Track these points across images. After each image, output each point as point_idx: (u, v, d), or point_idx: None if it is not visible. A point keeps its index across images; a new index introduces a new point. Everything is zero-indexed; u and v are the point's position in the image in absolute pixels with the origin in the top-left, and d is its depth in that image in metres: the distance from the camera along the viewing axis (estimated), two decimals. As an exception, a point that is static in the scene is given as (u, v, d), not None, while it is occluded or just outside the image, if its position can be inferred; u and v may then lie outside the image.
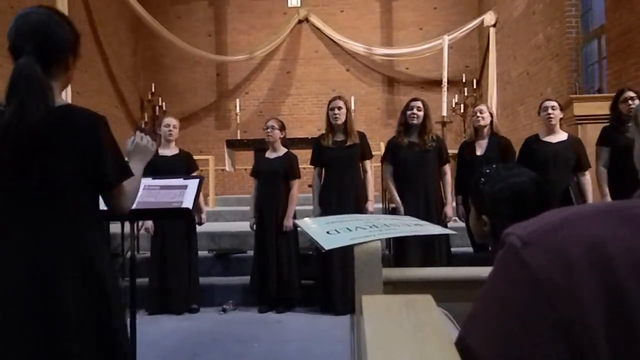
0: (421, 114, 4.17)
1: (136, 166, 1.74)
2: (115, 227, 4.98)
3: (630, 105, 3.86)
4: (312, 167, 4.57)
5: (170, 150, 4.53)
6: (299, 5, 10.40)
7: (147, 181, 2.60)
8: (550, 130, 4.16)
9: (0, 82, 5.12)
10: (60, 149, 1.46)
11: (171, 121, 4.61)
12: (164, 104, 10.21)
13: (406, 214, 3.95)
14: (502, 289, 0.49)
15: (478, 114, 4.28)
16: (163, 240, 4.44)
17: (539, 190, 1.34)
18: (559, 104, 4.21)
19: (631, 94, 3.92)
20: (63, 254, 1.46)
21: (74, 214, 1.50)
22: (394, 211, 4.31)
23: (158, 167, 4.29)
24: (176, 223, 4.31)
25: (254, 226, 4.55)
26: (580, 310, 0.42)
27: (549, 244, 0.46)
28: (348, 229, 1.33)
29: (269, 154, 4.64)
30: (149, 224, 4.46)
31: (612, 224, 0.45)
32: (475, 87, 9.92)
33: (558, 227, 0.47)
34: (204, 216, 4.62)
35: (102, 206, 1.65)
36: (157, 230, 4.45)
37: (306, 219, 1.64)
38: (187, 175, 3.73)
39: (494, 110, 4.42)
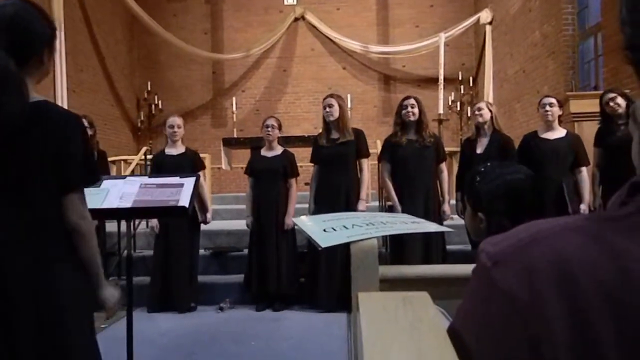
0: (416, 110, 4.18)
1: (97, 267, 1.57)
2: (111, 226, 4.98)
3: (612, 106, 3.93)
4: (310, 165, 4.59)
5: (176, 150, 4.51)
6: (295, 3, 10.39)
7: (144, 180, 2.59)
8: (549, 127, 4.17)
9: None
10: (31, 147, 1.42)
11: (175, 121, 4.57)
12: (160, 102, 10.18)
13: (404, 212, 3.96)
14: (476, 307, 0.51)
15: (477, 112, 4.30)
16: (167, 239, 4.44)
17: (534, 187, 1.34)
18: (558, 101, 4.22)
19: (611, 95, 4.00)
20: (26, 255, 1.40)
21: (43, 215, 1.45)
22: (390, 209, 4.31)
23: (164, 167, 4.31)
24: (180, 222, 4.29)
25: (251, 224, 4.53)
26: (547, 329, 0.43)
27: (516, 263, 0.47)
28: (345, 226, 1.33)
29: (266, 153, 4.63)
30: (155, 221, 4.48)
31: (579, 242, 0.46)
32: (471, 84, 9.92)
33: (526, 246, 0.48)
34: (209, 215, 4.61)
35: (91, 205, 1.60)
36: (162, 229, 4.45)
37: (303, 217, 1.64)
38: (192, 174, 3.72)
39: (493, 108, 4.41)
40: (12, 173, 1.41)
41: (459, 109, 9.83)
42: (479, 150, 4.26)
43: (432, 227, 1.62)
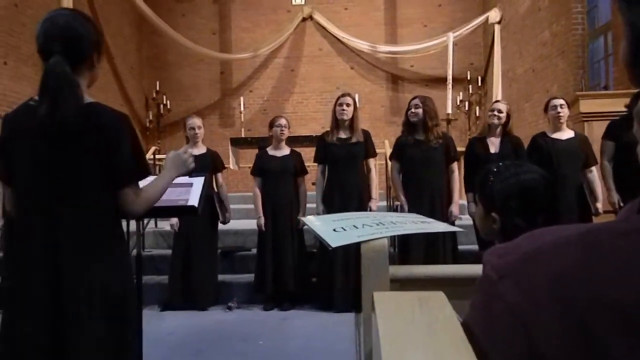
0: (419, 111, 4.14)
1: (167, 174, 1.78)
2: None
3: None
4: (316, 164, 4.57)
5: (197, 150, 4.53)
6: (303, 3, 10.39)
7: (152, 179, 2.60)
8: (558, 128, 4.14)
9: (6, 79, 5.11)
10: (84, 147, 1.52)
11: (195, 123, 4.62)
12: (168, 102, 10.22)
13: (411, 212, 3.94)
14: (482, 319, 0.51)
15: (496, 112, 4.22)
16: (187, 238, 4.48)
17: (548, 187, 1.33)
18: (566, 102, 4.19)
19: None
20: (83, 253, 1.51)
21: (94, 213, 1.55)
22: (398, 209, 4.30)
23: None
24: (200, 221, 4.33)
25: (264, 224, 4.51)
26: (550, 345, 0.43)
27: (521, 277, 0.47)
28: (354, 226, 1.33)
29: (275, 152, 4.62)
30: (174, 220, 4.51)
31: (579, 255, 0.46)
32: (480, 84, 9.88)
33: (530, 259, 0.48)
34: (228, 215, 4.64)
35: None
36: (182, 227, 4.48)
37: (312, 217, 1.63)
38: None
39: (510, 110, 4.33)
40: (67, 172, 1.51)
41: (467, 108, 9.79)
42: (492, 150, 4.21)
43: (442, 227, 1.61)
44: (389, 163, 4.77)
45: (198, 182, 2.57)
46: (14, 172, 1.57)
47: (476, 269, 1.26)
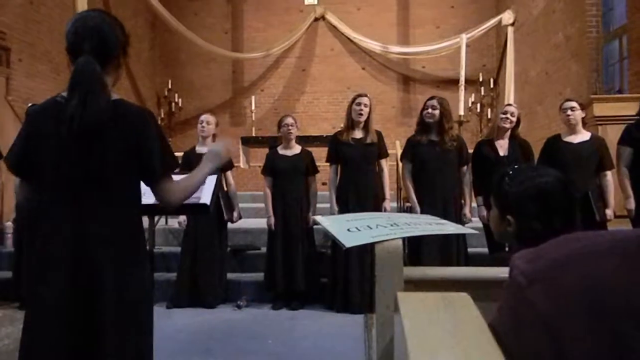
0: (436, 112, 4.12)
1: (204, 166, 1.87)
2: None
3: None
4: (327, 165, 4.56)
5: (206, 148, 4.54)
6: (315, 3, 10.39)
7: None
8: (572, 131, 4.09)
9: (20, 76, 5.15)
10: (113, 142, 1.57)
11: (206, 117, 4.63)
12: (180, 100, 10.27)
13: (422, 213, 3.92)
14: (510, 324, 0.50)
15: (509, 115, 4.19)
16: (195, 236, 4.49)
17: (565, 190, 1.31)
18: (580, 104, 4.13)
19: None
20: (111, 247, 1.57)
21: (123, 207, 1.61)
22: (409, 210, 4.28)
23: (193, 164, 4.34)
24: (209, 219, 4.34)
25: (274, 224, 4.52)
26: (580, 355, 0.43)
27: (552, 284, 0.47)
28: (369, 226, 1.32)
29: (286, 152, 4.62)
30: (182, 218, 4.52)
31: (613, 265, 0.45)
32: (492, 86, 9.83)
33: (561, 266, 0.47)
34: (236, 214, 4.64)
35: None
36: (190, 225, 4.49)
37: (325, 216, 1.63)
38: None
39: (520, 113, 4.31)
40: (94, 168, 1.56)
41: (479, 110, 9.74)
42: (502, 153, 4.18)
43: (457, 228, 1.60)
44: (400, 164, 4.75)
45: (210, 180, 2.58)
46: (37, 166, 1.60)
47: (491, 272, 1.25)
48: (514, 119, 4.19)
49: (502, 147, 4.20)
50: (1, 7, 6.40)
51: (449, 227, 1.51)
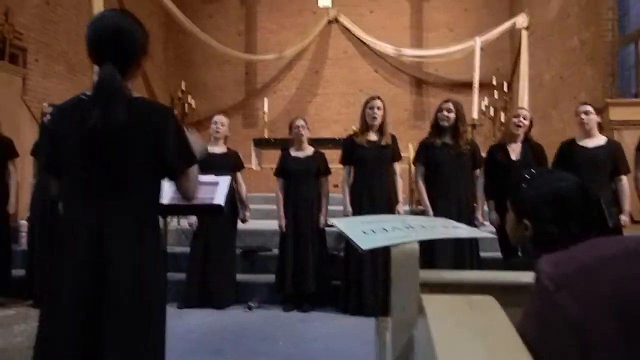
0: (452, 115, 4.11)
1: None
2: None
3: None
4: (339, 167, 4.56)
5: (218, 149, 4.57)
6: (329, 5, 10.39)
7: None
8: (587, 135, 4.04)
9: (37, 76, 5.21)
10: (132, 142, 1.60)
11: (219, 118, 4.66)
12: (193, 101, 10.31)
13: (436, 216, 3.90)
14: (537, 329, 0.50)
15: (521, 119, 4.14)
16: (206, 236, 4.51)
17: (583, 195, 1.30)
18: (595, 108, 4.09)
19: None
20: (127, 241, 1.59)
21: (140, 204, 1.63)
22: (421, 214, 4.26)
23: (205, 164, 4.36)
24: (220, 219, 4.35)
25: (285, 226, 4.53)
26: (612, 358, 0.42)
27: (581, 290, 0.46)
28: (384, 229, 1.32)
29: (298, 153, 4.63)
30: (193, 218, 4.54)
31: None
32: (506, 90, 9.77)
33: (590, 271, 0.46)
34: (247, 214, 4.66)
35: None
36: (201, 226, 4.51)
37: (340, 219, 1.63)
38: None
39: (532, 117, 4.27)
40: (116, 166, 1.59)
41: (492, 114, 9.68)
42: (514, 157, 4.14)
43: (472, 232, 1.59)
44: (413, 167, 4.74)
45: (224, 181, 2.59)
46: (61, 162, 1.64)
47: (508, 277, 1.25)
48: (526, 122, 4.14)
49: (515, 151, 4.16)
50: (18, 7, 6.48)
51: (465, 231, 1.50)
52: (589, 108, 4.04)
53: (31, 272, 4.60)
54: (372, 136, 4.38)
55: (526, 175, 1.37)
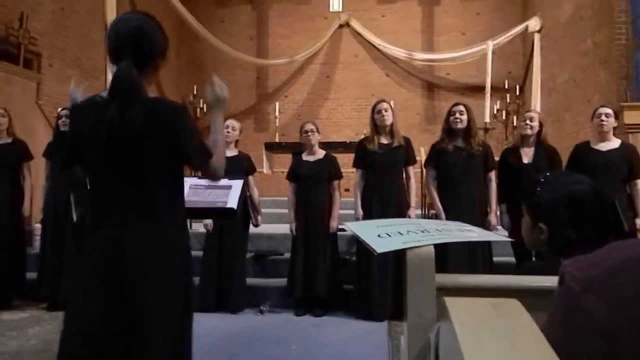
0: (464, 117, 4.11)
1: (218, 118, 1.90)
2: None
3: None
4: (350, 171, 4.56)
5: (230, 152, 4.58)
6: (340, 10, 10.41)
7: (192, 180, 2.63)
8: (602, 138, 4.00)
9: (51, 81, 5.25)
10: (149, 139, 1.61)
11: (231, 123, 4.67)
12: (205, 106, 10.36)
13: (448, 219, 3.88)
14: (562, 331, 0.49)
15: (528, 122, 4.13)
16: (220, 240, 4.51)
17: (599, 198, 1.29)
18: (615, 112, 4.05)
19: None
20: (152, 238, 1.60)
21: (158, 198, 1.64)
22: (434, 217, 4.24)
23: None
24: (234, 223, 4.35)
25: (295, 230, 4.54)
26: None
27: (607, 291, 0.45)
28: (399, 232, 1.32)
29: (309, 157, 4.63)
30: (209, 221, 4.55)
31: None
32: (518, 93, 9.72)
33: (616, 274, 0.45)
34: (260, 218, 4.67)
35: None
36: (215, 229, 4.52)
37: (354, 222, 1.62)
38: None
39: (544, 119, 4.24)
40: (134, 163, 1.61)
41: (504, 118, 9.63)
42: (525, 160, 4.12)
43: (488, 236, 1.58)
44: (424, 170, 4.72)
45: (237, 184, 2.59)
46: (81, 160, 1.69)
47: (527, 280, 1.23)
48: (535, 124, 4.12)
49: (527, 154, 4.14)
50: (33, 13, 6.56)
51: (480, 235, 1.49)
52: (610, 111, 4.01)
53: (42, 275, 4.62)
54: (384, 139, 4.38)
55: (541, 179, 1.36)
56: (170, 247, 1.64)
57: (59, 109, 4.81)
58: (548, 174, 1.40)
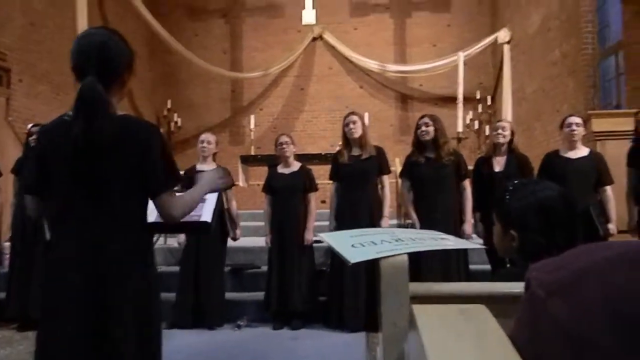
0: (430, 129, 4.15)
1: (200, 188, 1.89)
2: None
3: None
4: (326, 182, 4.58)
5: (207, 166, 4.53)
6: (313, 23, 10.48)
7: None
8: (572, 147, 4.09)
9: (21, 96, 5.13)
10: (119, 157, 1.58)
11: (207, 137, 4.63)
12: (179, 119, 10.30)
13: (423, 229, 3.90)
14: (529, 336, 0.49)
15: (500, 131, 4.23)
16: (197, 255, 4.44)
17: (567, 204, 1.31)
18: (583, 120, 4.15)
19: None
20: (117, 259, 1.57)
21: (125, 216, 1.61)
22: (410, 227, 4.27)
23: (195, 183, 4.31)
24: (211, 237, 4.31)
25: (271, 242, 4.51)
26: None
27: (572, 296, 0.46)
28: (373, 242, 1.32)
29: (284, 170, 4.63)
30: (182, 237, 4.49)
31: (637, 273, 0.44)
32: (489, 103, 9.89)
33: (582, 277, 0.46)
34: (238, 232, 4.63)
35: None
36: (192, 244, 4.45)
37: (328, 233, 1.62)
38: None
39: (514, 128, 4.34)
40: (102, 183, 1.58)
41: (477, 127, 9.78)
42: (497, 169, 4.20)
43: (462, 243, 1.59)
44: (399, 181, 4.76)
45: (212, 197, 2.56)
46: (48, 183, 1.63)
47: (498, 287, 1.24)
48: (507, 133, 4.22)
49: (499, 163, 4.23)
50: (2, 28, 6.46)
51: (454, 242, 1.50)
52: (579, 120, 4.10)
53: (13, 294, 4.50)
54: (355, 151, 4.40)
55: (510, 187, 1.38)
56: (136, 265, 1.61)
57: (29, 125, 4.71)
58: (516, 181, 1.43)
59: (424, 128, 4.16)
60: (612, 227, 3.93)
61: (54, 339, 1.54)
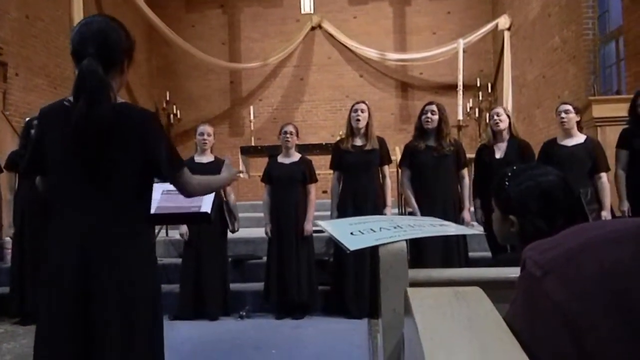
0: (435, 117, 4.13)
1: (216, 180, 2.05)
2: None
3: None
4: (327, 173, 4.57)
5: (206, 158, 4.53)
6: (312, 12, 10.42)
7: (165, 186, 2.58)
8: (567, 134, 4.09)
9: (17, 90, 5.11)
10: (120, 143, 1.59)
11: (205, 129, 4.62)
12: (178, 111, 10.28)
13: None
14: (525, 316, 0.49)
15: (495, 117, 4.22)
16: (198, 246, 4.45)
17: (567, 188, 1.30)
18: (575, 107, 4.13)
19: None
20: (116, 247, 1.58)
21: (124, 201, 1.62)
22: (410, 215, 4.27)
23: (193, 174, 4.30)
24: (212, 229, 4.31)
25: (269, 232, 4.51)
26: (599, 343, 0.41)
27: (567, 274, 0.45)
28: (372, 229, 1.31)
29: (284, 160, 4.61)
30: (184, 229, 4.49)
31: (629, 250, 0.43)
32: (490, 91, 9.85)
33: (576, 257, 0.46)
34: (237, 224, 4.62)
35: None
36: (192, 236, 4.46)
37: (328, 221, 1.62)
38: None
39: (510, 113, 4.34)
40: (101, 166, 1.58)
41: (477, 115, 9.75)
42: (498, 155, 4.19)
43: (461, 230, 1.59)
44: (399, 170, 4.76)
45: (210, 189, 2.56)
46: (46, 166, 1.64)
47: (497, 272, 1.24)
48: (503, 117, 4.21)
49: (500, 149, 4.22)
50: (-2, 22, 6.43)
51: (453, 229, 1.50)
52: (569, 107, 4.09)
53: (16, 289, 4.49)
54: (358, 141, 4.39)
55: (509, 172, 1.37)
56: (136, 254, 1.61)
57: (27, 118, 4.68)
58: (515, 167, 1.41)
59: (429, 115, 4.14)
60: (605, 214, 3.91)
61: (48, 334, 1.55)
